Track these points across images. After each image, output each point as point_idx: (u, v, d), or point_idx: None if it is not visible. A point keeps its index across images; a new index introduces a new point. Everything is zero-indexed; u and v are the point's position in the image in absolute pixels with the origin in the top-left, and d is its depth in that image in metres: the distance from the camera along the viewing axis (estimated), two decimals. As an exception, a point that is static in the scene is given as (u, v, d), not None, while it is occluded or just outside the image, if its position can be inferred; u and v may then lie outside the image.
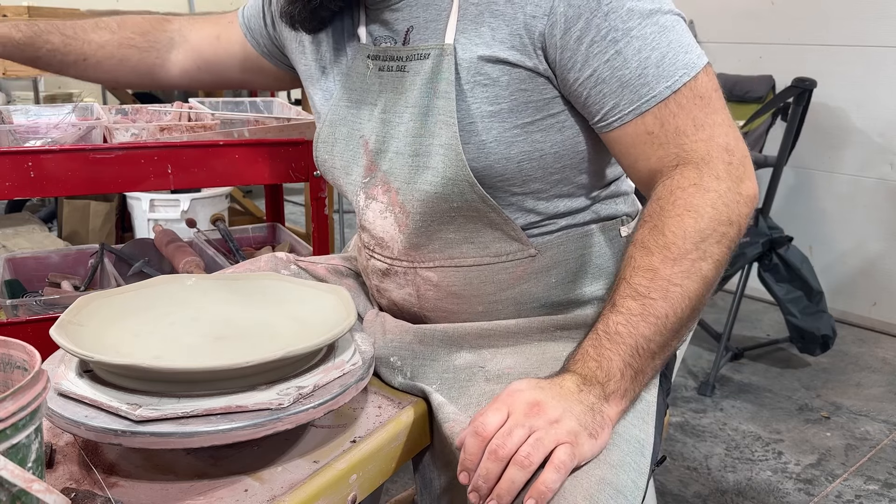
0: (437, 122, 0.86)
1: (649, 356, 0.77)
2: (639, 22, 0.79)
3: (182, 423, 0.69)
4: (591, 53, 0.80)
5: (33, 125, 1.69)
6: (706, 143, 0.80)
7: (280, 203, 2.27)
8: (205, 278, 0.96)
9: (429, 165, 0.87)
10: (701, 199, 0.78)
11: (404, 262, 0.95)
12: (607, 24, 0.79)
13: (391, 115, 0.91)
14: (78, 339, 0.75)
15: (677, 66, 0.79)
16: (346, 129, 0.96)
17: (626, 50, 0.79)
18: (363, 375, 0.81)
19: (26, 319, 1.56)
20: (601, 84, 0.81)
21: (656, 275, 0.77)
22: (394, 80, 0.91)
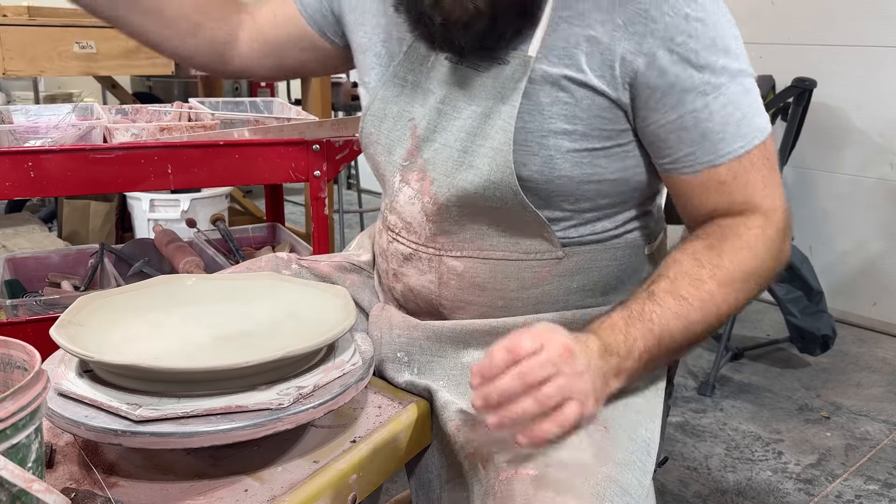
0: (496, 126, 0.86)
1: (666, 353, 0.79)
2: (728, 80, 0.82)
3: (182, 423, 0.69)
4: (681, 101, 0.82)
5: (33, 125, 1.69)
6: (769, 200, 0.85)
7: (280, 203, 2.27)
8: (205, 278, 0.96)
9: (474, 165, 0.87)
10: (761, 244, 0.83)
11: (430, 249, 0.94)
12: (701, 77, 0.81)
13: (449, 107, 0.91)
14: (78, 339, 0.75)
15: (753, 128, 0.83)
16: (398, 108, 0.95)
17: (714, 104, 0.82)
18: (363, 375, 0.81)
19: (26, 319, 1.56)
20: (682, 131, 0.83)
21: (702, 287, 0.80)
22: (461, 74, 0.90)
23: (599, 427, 0.78)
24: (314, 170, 1.66)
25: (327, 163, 1.67)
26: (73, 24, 2.45)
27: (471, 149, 0.88)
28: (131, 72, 2.64)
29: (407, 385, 0.95)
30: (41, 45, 2.38)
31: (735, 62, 0.82)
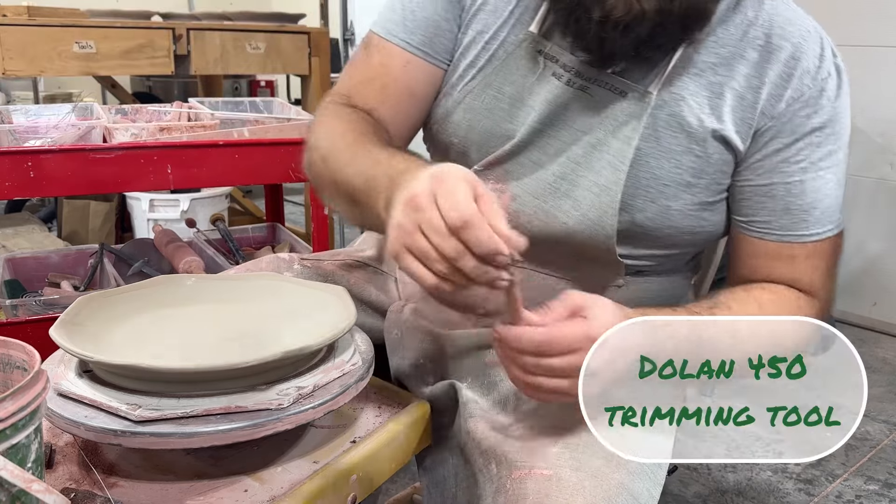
0: (604, 160, 0.82)
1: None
2: (828, 165, 0.82)
3: (182, 423, 0.69)
4: (780, 169, 0.82)
5: (33, 125, 1.69)
6: (826, 292, 0.87)
7: (280, 203, 2.27)
8: (205, 278, 0.95)
9: (572, 195, 0.83)
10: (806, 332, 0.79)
11: None
12: (806, 154, 0.81)
13: (549, 127, 0.85)
14: (77, 339, 0.74)
15: (833, 220, 0.84)
16: (491, 123, 0.87)
17: (808, 184, 0.82)
18: (363, 375, 0.80)
19: (26, 319, 1.56)
20: (768, 198, 0.83)
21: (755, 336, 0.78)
22: (570, 96, 0.83)
23: None
24: (314, 170, 1.66)
25: (327, 163, 1.67)
26: (72, 24, 2.45)
27: (570, 177, 0.84)
28: (131, 71, 2.64)
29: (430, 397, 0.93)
30: (41, 45, 2.38)
31: (841, 152, 0.82)
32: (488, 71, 0.87)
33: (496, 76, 0.86)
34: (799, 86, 0.80)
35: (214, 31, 2.65)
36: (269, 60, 2.77)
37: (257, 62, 2.75)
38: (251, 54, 2.72)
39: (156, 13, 3.03)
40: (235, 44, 2.69)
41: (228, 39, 2.67)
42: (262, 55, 2.75)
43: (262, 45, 2.73)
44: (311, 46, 2.84)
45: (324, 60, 2.88)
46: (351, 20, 4.90)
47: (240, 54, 2.70)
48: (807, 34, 0.82)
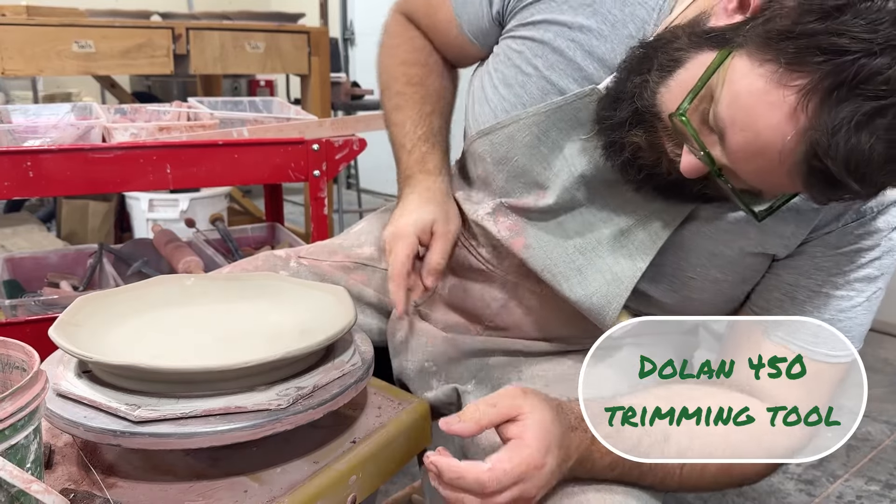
0: (626, 250, 0.81)
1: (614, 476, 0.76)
2: (861, 289, 0.77)
3: (181, 423, 0.68)
4: (810, 274, 0.78)
5: (32, 125, 1.69)
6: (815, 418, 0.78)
7: (279, 203, 2.27)
8: (204, 278, 0.95)
9: (583, 272, 0.82)
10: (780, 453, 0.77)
11: (510, 277, 0.90)
12: (844, 268, 0.77)
13: (584, 196, 0.83)
14: (77, 339, 0.74)
15: (848, 347, 0.77)
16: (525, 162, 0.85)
17: (833, 300, 0.77)
18: (363, 376, 0.80)
19: (25, 320, 1.56)
20: (788, 298, 0.79)
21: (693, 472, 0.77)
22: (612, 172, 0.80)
23: None
24: (314, 169, 1.66)
25: (327, 162, 1.67)
26: (71, 24, 2.45)
27: (588, 254, 0.83)
28: (130, 71, 2.64)
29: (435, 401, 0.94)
30: (40, 45, 2.38)
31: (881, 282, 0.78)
32: (541, 109, 0.83)
33: (547, 118, 0.83)
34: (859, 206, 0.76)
35: (214, 31, 2.65)
36: (269, 60, 2.77)
37: (257, 62, 2.75)
38: (251, 54, 2.72)
39: (155, 12, 3.03)
40: (235, 43, 2.68)
41: (228, 39, 2.67)
42: (261, 55, 2.74)
43: (261, 45, 2.73)
44: (311, 46, 2.84)
45: (323, 60, 2.88)
46: (351, 20, 4.90)
47: (239, 54, 2.70)
48: None
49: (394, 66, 1.01)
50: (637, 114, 0.74)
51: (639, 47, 0.76)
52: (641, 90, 0.73)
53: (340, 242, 1.13)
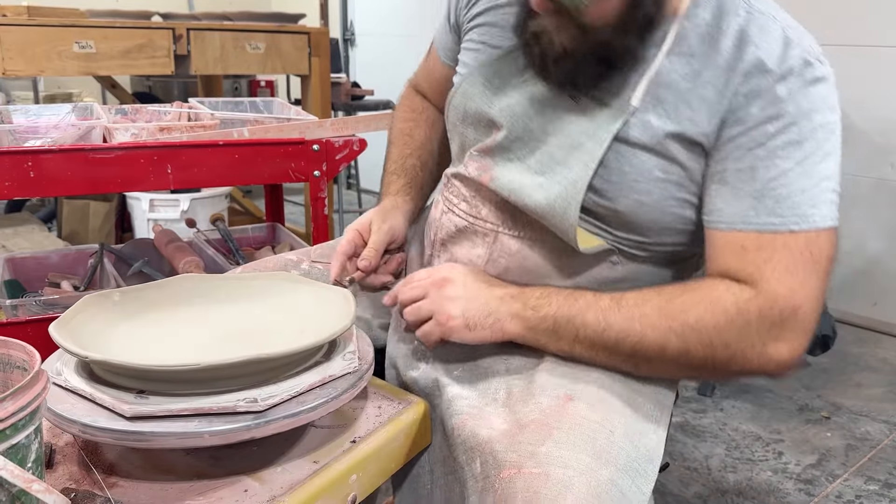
0: (579, 159, 0.87)
1: (573, 334, 0.86)
2: (788, 155, 0.80)
3: (180, 422, 0.69)
4: (732, 154, 0.82)
5: (33, 125, 1.69)
6: (782, 288, 0.80)
7: (280, 203, 2.27)
8: (205, 278, 0.95)
9: (544, 186, 0.89)
10: (729, 310, 0.81)
11: (488, 225, 0.96)
12: (759, 140, 0.81)
13: (537, 128, 0.92)
14: (76, 338, 0.74)
15: (797, 213, 0.80)
16: (476, 106, 0.97)
17: (759, 172, 0.81)
18: (363, 375, 0.80)
19: (26, 319, 1.56)
20: (721, 184, 0.83)
21: (641, 306, 0.84)
22: (558, 102, 0.91)
23: (605, 430, 0.78)
24: (314, 170, 1.66)
25: (327, 163, 1.67)
26: (72, 24, 2.45)
27: (547, 173, 0.90)
28: (131, 71, 2.64)
29: (412, 381, 0.95)
30: (40, 45, 2.38)
31: (807, 145, 0.80)
32: (484, 62, 0.98)
33: (489, 67, 0.97)
34: (757, 82, 0.81)
35: (214, 31, 2.65)
36: (269, 60, 2.77)
37: (257, 62, 2.76)
38: (251, 54, 2.73)
39: (156, 13, 3.03)
40: (235, 44, 2.69)
41: (228, 39, 2.67)
42: (262, 55, 2.75)
43: (262, 45, 2.73)
44: (311, 46, 2.84)
45: (324, 60, 2.88)
46: (351, 20, 4.90)
47: (240, 54, 2.70)
48: (774, 37, 0.82)
49: (395, 123, 1.23)
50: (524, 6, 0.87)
51: None
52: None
53: None
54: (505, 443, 0.78)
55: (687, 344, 0.82)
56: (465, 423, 0.83)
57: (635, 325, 0.83)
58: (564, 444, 0.75)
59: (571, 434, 0.77)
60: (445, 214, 1.02)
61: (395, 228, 1.07)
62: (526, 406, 0.82)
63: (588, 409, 0.80)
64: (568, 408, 0.80)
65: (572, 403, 0.81)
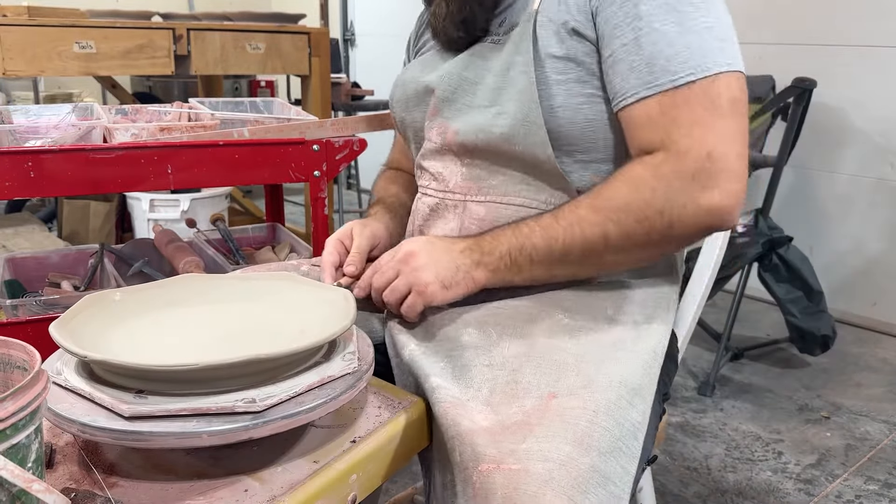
0: (517, 73, 0.95)
1: (528, 260, 0.92)
2: (664, 16, 0.86)
3: (179, 422, 0.69)
4: (615, 35, 0.88)
5: (33, 125, 1.69)
6: (690, 140, 0.84)
7: (280, 203, 2.27)
8: (206, 278, 0.96)
9: (503, 112, 0.95)
10: (648, 181, 0.86)
11: (456, 195, 1.02)
12: (634, 11, 0.87)
13: (471, 73, 1.01)
14: (77, 337, 0.74)
15: (688, 66, 0.85)
16: (411, 75, 1.09)
17: (643, 39, 0.86)
18: (363, 375, 0.81)
19: (26, 319, 1.56)
20: (613, 63, 0.89)
21: (574, 212, 0.90)
22: (478, 47, 1.02)
23: (588, 412, 0.77)
24: (314, 170, 1.66)
25: (327, 163, 1.67)
26: (72, 24, 2.45)
27: (498, 100, 0.96)
28: (131, 71, 2.64)
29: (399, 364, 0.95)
30: (41, 45, 2.38)
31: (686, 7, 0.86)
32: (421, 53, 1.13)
33: (427, 54, 1.11)
34: None
35: (214, 32, 2.65)
36: (269, 60, 2.77)
37: (257, 62, 2.76)
38: (251, 54, 2.73)
39: (156, 13, 3.03)
40: (235, 44, 2.69)
41: (228, 39, 2.67)
42: (262, 55, 2.75)
43: (262, 45, 2.73)
44: (311, 46, 2.84)
45: (324, 60, 2.89)
46: (351, 20, 4.91)
47: (240, 54, 2.71)
48: None
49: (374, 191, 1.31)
50: None
51: None
52: None
53: None
54: (486, 437, 0.77)
55: (624, 227, 0.87)
56: (447, 412, 0.82)
57: (575, 228, 0.89)
58: (544, 437, 0.75)
59: (552, 426, 0.76)
60: (420, 200, 1.08)
61: (376, 232, 1.10)
62: (510, 408, 0.81)
63: (570, 398, 0.79)
64: (551, 404, 0.79)
65: (556, 400, 0.80)
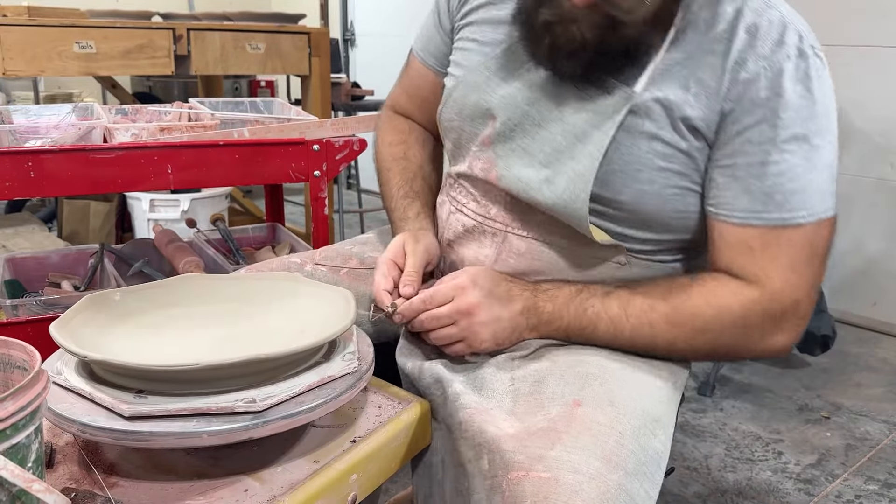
0: (586, 151, 0.88)
1: (586, 340, 0.91)
2: (797, 147, 0.81)
3: (179, 422, 0.69)
4: (743, 149, 0.83)
5: (33, 125, 1.69)
6: (784, 286, 0.84)
7: (280, 203, 2.27)
8: (206, 278, 0.96)
9: (553, 181, 0.90)
10: (734, 314, 0.85)
11: (497, 224, 0.97)
12: (768, 135, 0.82)
13: (537, 113, 0.93)
14: (77, 337, 0.74)
15: (803, 207, 0.82)
16: (477, 96, 0.98)
17: (770, 167, 0.82)
18: (363, 375, 0.81)
19: (26, 319, 1.56)
20: (730, 179, 0.84)
21: (650, 314, 0.87)
22: (560, 89, 0.91)
23: (615, 432, 0.78)
24: (314, 170, 1.66)
25: (327, 163, 1.67)
26: (72, 24, 2.45)
27: (554, 165, 0.90)
28: (131, 71, 2.64)
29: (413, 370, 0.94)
30: (41, 45, 2.38)
31: (815, 138, 0.82)
32: (489, 57, 0.98)
33: (493, 60, 0.97)
34: (755, 68, 0.82)
35: (214, 32, 2.65)
36: (269, 60, 2.77)
37: (257, 62, 2.76)
38: (251, 54, 2.73)
39: (156, 13, 3.03)
40: (235, 44, 2.69)
41: (228, 39, 2.67)
42: (262, 55, 2.75)
43: (262, 45, 2.73)
44: (311, 46, 2.84)
45: (324, 60, 2.89)
46: (351, 20, 4.90)
47: (240, 54, 2.70)
48: (770, 22, 0.84)
49: (382, 148, 1.18)
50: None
51: None
52: None
53: (351, 248, 1.17)
54: (513, 444, 0.77)
55: (693, 344, 0.87)
56: (472, 418, 0.82)
57: (644, 331, 0.87)
58: (573, 448, 0.75)
59: (581, 438, 0.76)
60: (453, 215, 1.02)
61: (430, 248, 1.01)
62: (534, 417, 0.81)
63: (597, 412, 0.80)
64: (576, 413, 0.80)
65: (581, 409, 0.80)
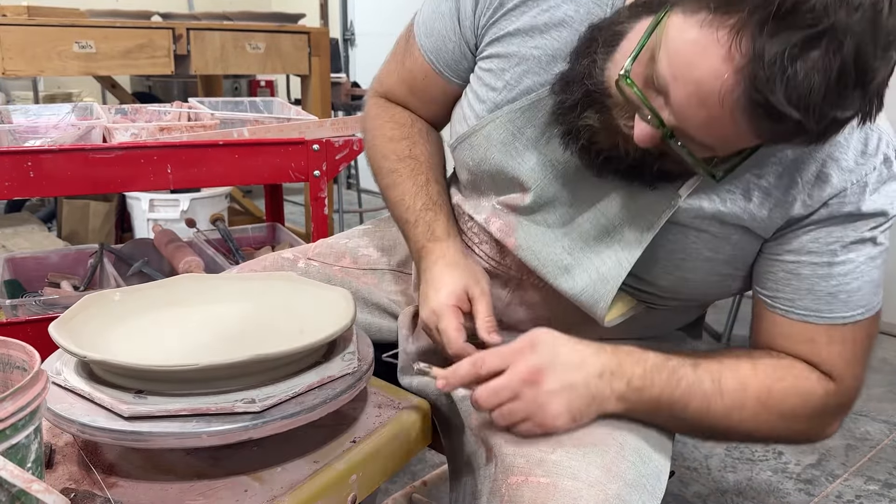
0: (611, 249, 0.83)
1: (670, 417, 0.81)
2: (860, 251, 0.79)
3: (178, 422, 0.69)
4: (808, 249, 0.79)
5: (33, 125, 1.69)
6: (852, 380, 0.82)
7: (280, 203, 2.27)
8: (205, 278, 0.95)
9: (571, 272, 0.85)
10: (816, 406, 0.81)
11: (512, 272, 0.93)
12: (838, 236, 0.78)
13: (568, 194, 0.85)
14: (77, 338, 0.74)
15: (862, 304, 0.80)
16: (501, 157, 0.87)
17: (836, 267, 0.79)
18: (363, 375, 0.80)
19: (26, 319, 1.56)
20: (794, 276, 0.80)
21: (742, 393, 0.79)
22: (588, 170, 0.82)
23: (616, 443, 0.78)
24: (314, 170, 1.66)
25: (327, 163, 1.67)
26: (72, 24, 2.45)
27: (576, 254, 0.85)
28: (131, 71, 2.64)
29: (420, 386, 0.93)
30: (41, 45, 2.38)
31: (877, 233, 0.79)
32: (515, 106, 0.86)
33: (521, 114, 0.85)
34: (840, 183, 0.76)
35: (214, 31, 2.65)
36: (269, 60, 2.77)
37: (257, 62, 2.76)
38: (251, 54, 2.73)
39: (155, 13, 3.03)
40: (235, 44, 2.69)
41: (228, 39, 2.67)
42: (262, 55, 2.75)
43: (262, 45, 2.73)
44: (311, 46, 2.84)
45: (324, 60, 2.88)
46: (351, 20, 4.90)
47: (240, 54, 2.70)
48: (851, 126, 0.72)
49: (382, 145, 1.03)
50: (587, 95, 0.75)
51: (587, 31, 0.79)
52: (590, 70, 0.75)
53: (346, 243, 1.14)
54: (512, 448, 0.78)
55: (774, 426, 0.82)
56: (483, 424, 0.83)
57: (733, 414, 0.80)
58: (573, 454, 0.75)
59: (581, 445, 0.76)
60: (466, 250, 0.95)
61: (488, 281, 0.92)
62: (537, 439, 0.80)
63: (596, 424, 0.79)
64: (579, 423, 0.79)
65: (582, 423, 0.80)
